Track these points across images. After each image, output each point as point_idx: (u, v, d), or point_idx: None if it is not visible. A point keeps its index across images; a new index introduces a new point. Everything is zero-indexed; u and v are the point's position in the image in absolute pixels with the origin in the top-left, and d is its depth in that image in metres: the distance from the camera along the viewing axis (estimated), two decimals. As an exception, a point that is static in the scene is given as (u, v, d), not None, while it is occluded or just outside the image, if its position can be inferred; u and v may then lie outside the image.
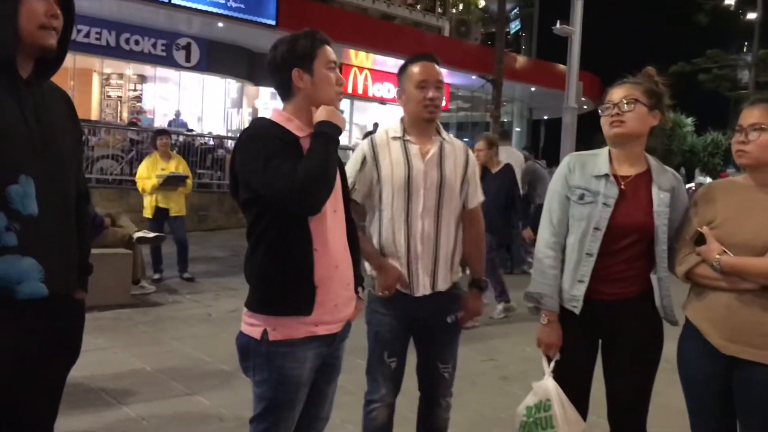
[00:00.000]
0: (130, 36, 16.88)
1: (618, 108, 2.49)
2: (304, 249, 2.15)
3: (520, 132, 28.93)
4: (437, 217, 2.75)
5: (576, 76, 14.07)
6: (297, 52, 2.20)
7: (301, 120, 2.22)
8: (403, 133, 2.80)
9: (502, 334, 6.04)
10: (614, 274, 2.51)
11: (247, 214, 2.21)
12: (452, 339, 2.90)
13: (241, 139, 2.18)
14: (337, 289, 2.25)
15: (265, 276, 2.17)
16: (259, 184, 2.07)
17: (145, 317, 6.30)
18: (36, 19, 1.83)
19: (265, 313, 2.17)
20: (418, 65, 2.76)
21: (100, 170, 12.38)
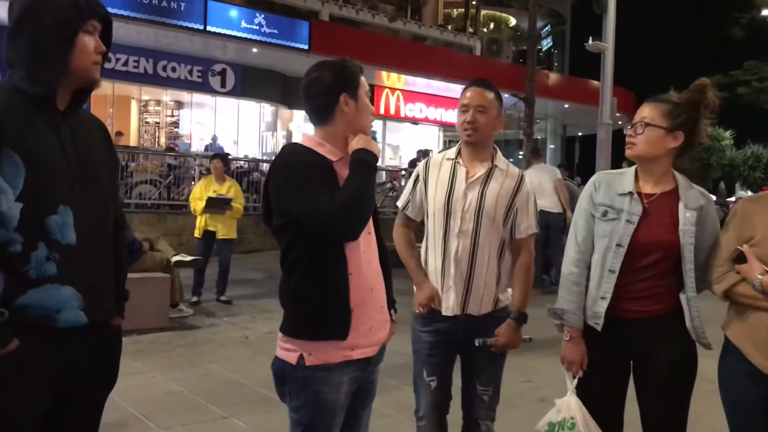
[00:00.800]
0: (167, 63, 17.28)
1: (633, 129, 2.51)
2: (339, 273, 2.16)
3: (554, 149, 28.73)
4: (474, 240, 2.76)
5: (610, 91, 13.95)
6: (346, 77, 2.22)
7: (335, 145, 2.23)
8: (457, 155, 2.85)
9: (538, 355, 5.92)
10: (638, 291, 2.48)
11: (280, 240, 2.22)
12: (493, 362, 2.86)
13: (276, 166, 2.20)
14: (372, 312, 2.25)
15: (300, 301, 2.17)
16: (297, 210, 2.09)
17: (182, 340, 6.35)
18: (89, 56, 1.91)
19: (301, 338, 2.17)
20: (466, 90, 2.84)
21: (138, 195, 12.60)
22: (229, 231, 8.17)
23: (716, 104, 2.53)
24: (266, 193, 2.23)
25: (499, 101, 2.84)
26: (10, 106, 1.79)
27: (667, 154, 2.52)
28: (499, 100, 2.84)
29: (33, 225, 1.78)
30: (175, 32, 15.57)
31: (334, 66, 2.22)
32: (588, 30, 15.70)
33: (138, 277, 6.66)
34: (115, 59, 16.33)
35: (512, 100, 14.99)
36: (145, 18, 14.92)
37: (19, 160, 1.75)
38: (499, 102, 2.84)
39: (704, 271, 2.47)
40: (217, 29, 15.85)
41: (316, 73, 2.22)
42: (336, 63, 2.24)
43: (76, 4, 1.87)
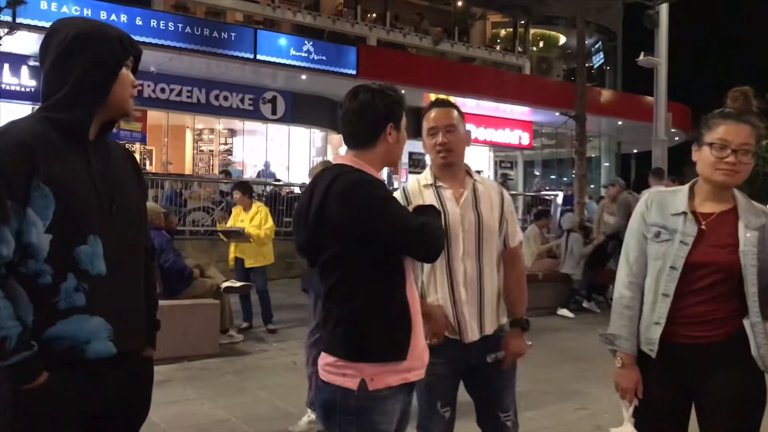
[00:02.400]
0: (219, 92, 17.59)
1: (735, 156, 2.29)
2: (401, 292, 2.16)
3: (608, 167, 28.16)
4: (478, 259, 2.70)
5: (664, 107, 13.63)
6: (396, 107, 2.24)
7: (375, 169, 2.23)
8: (434, 180, 2.78)
9: (594, 379, 5.75)
10: (695, 316, 2.33)
11: (334, 267, 2.14)
12: (508, 384, 2.80)
13: (341, 189, 2.09)
14: (420, 334, 2.24)
15: (367, 322, 2.12)
16: (389, 230, 2.09)
17: (232, 366, 6.36)
18: (128, 89, 1.96)
19: (366, 361, 2.11)
20: (429, 113, 2.76)
21: (192, 222, 12.81)
22: (258, 258, 8.04)
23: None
24: (316, 220, 2.14)
25: (462, 118, 2.78)
26: (40, 136, 1.80)
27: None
28: (462, 116, 2.78)
29: (62, 256, 1.78)
30: (227, 62, 15.85)
31: (385, 94, 2.22)
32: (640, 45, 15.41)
33: (189, 304, 6.78)
34: (169, 90, 16.76)
35: (563, 118, 14.79)
36: (197, 49, 15.25)
37: (49, 192, 1.75)
38: (463, 119, 2.78)
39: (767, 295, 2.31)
40: (267, 57, 16.09)
41: (368, 97, 2.21)
42: (388, 92, 2.24)
43: (120, 40, 1.92)
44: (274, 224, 8.33)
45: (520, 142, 23.05)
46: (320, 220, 2.13)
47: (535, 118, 22.37)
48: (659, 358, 2.37)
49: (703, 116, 2.43)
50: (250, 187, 8.66)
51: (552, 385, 2.81)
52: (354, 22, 20.52)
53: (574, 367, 5.85)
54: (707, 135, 2.35)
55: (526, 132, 23.14)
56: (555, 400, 4.99)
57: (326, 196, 2.11)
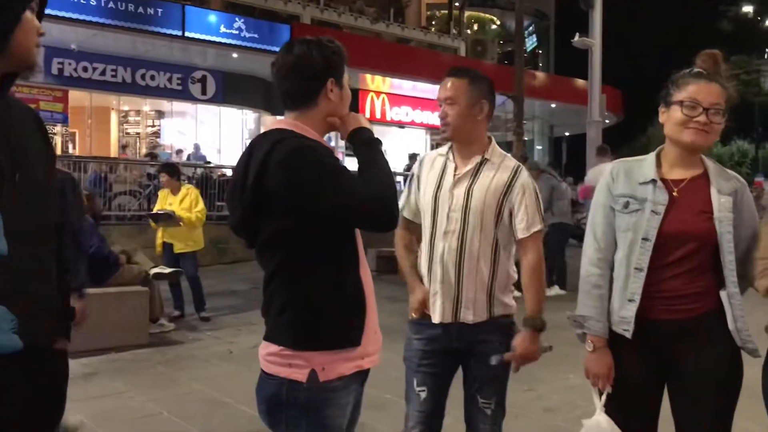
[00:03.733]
0: (145, 72, 16.93)
1: (707, 115, 2.15)
2: (355, 271, 1.94)
3: (541, 149, 28.61)
4: (461, 241, 2.51)
5: (598, 89, 13.79)
6: (335, 60, 1.97)
7: (319, 132, 1.99)
8: (448, 151, 2.64)
9: (542, 361, 5.65)
10: (671, 290, 2.18)
11: (276, 245, 1.89)
12: (493, 376, 2.62)
13: (281, 158, 1.82)
14: (374, 315, 2.02)
15: (317, 307, 1.87)
16: (332, 201, 1.81)
17: (163, 357, 6.03)
18: (33, 36, 1.64)
19: (315, 349, 1.87)
20: (444, 83, 2.62)
21: (118, 207, 12.27)
22: (188, 243, 7.63)
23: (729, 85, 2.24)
24: (254, 192, 1.86)
25: (475, 85, 2.56)
26: None
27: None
28: (476, 83, 2.56)
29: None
30: (154, 39, 15.26)
31: (323, 45, 1.96)
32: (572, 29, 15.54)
33: (115, 292, 6.46)
34: (92, 68, 16.00)
35: (500, 99, 14.79)
36: (122, 25, 14.60)
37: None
38: (476, 86, 2.56)
39: (744, 266, 2.18)
40: (196, 35, 15.55)
41: (304, 49, 1.94)
42: (325, 44, 1.97)
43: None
44: (205, 207, 7.95)
45: (455, 124, 23.05)
46: (258, 194, 1.86)
47: (470, 101, 22.40)
48: (633, 337, 2.21)
49: (672, 76, 2.28)
50: (177, 168, 8.25)
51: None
52: (287, 0, 20.03)
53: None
54: (676, 94, 2.21)
55: (461, 114, 23.15)
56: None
57: (264, 166, 1.83)
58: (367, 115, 20.34)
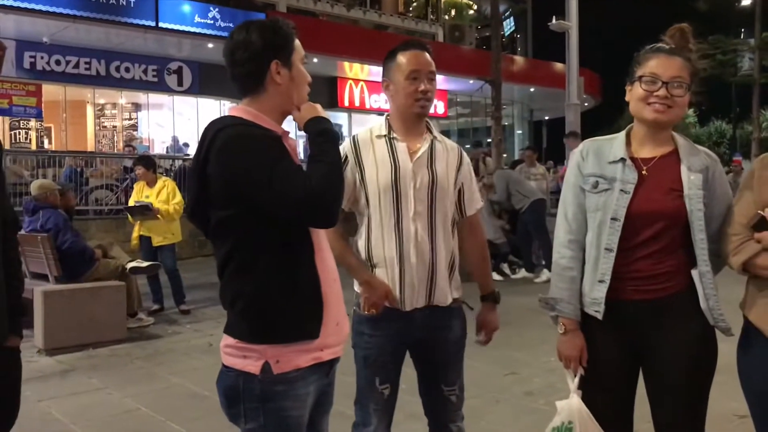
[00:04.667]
0: (120, 64, 16.71)
1: (667, 89, 2.12)
2: (309, 262, 1.87)
3: (521, 134, 28.64)
4: (431, 221, 2.45)
5: (576, 71, 13.78)
6: (277, 41, 1.88)
7: (272, 118, 1.91)
8: (389, 131, 2.50)
9: (523, 344, 5.67)
10: (642, 270, 2.15)
11: (224, 235, 1.85)
12: (456, 358, 2.58)
13: (221, 145, 1.79)
14: (337, 306, 1.96)
15: (267, 298, 1.83)
16: (266, 194, 1.73)
17: (142, 351, 5.96)
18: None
19: (269, 342, 1.83)
20: (408, 54, 2.47)
21: (95, 201, 12.11)
22: (166, 236, 7.52)
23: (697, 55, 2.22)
24: (201, 179, 1.83)
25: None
26: None
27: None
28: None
29: None
30: (127, 30, 15.04)
31: (262, 27, 1.89)
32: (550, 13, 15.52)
33: (91, 287, 6.36)
34: (65, 61, 15.75)
35: (478, 84, 14.75)
36: (94, 17, 14.35)
37: None
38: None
39: (718, 243, 2.15)
40: (170, 25, 15.34)
41: (242, 35, 1.88)
42: (265, 24, 1.91)
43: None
44: (183, 199, 7.83)
45: (435, 111, 23.01)
46: (203, 181, 1.83)
47: (449, 87, 22.36)
48: (605, 319, 2.18)
49: (636, 53, 2.26)
50: (153, 160, 8.12)
51: (478, 351, 2.63)
52: (262, -11, 19.84)
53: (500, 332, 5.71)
54: (638, 70, 2.19)
55: (440, 101, 23.13)
56: (482, 366, 4.87)
57: (208, 154, 1.81)
58: (346, 103, 20.24)
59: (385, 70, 2.54)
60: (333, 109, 20.20)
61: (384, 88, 2.57)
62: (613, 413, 2.22)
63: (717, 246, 2.16)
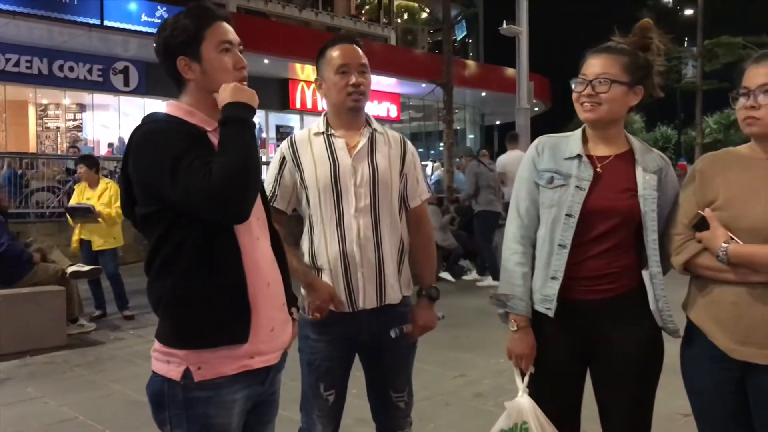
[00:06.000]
0: (63, 63, 16.22)
1: (592, 87, 2.12)
2: (233, 263, 1.77)
3: (473, 138, 28.88)
4: (375, 217, 2.37)
5: (526, 76, 13.90)
6: (178, 39, 1.80)
7: (205, 112, 1.83)
8: (327, 128, 2.44)
9: (472, 346, 5.66)
10: (594, 268, 2.13)
11: (148, 233, 1.78)
12: (405, 363, 2.52)
13: (137, 140, 1.75)
14: (271, 311, 1.86)
15: (187, 300, 1.74)
16: (170, 191, 1.65)
17: (83, 359, 5.75)
18: None
19: (190, 347, 1.75)
20: (337, 48, 2.42)
21: (36, 203, 11.72)
22: (108, 240, 7.27)
23: (662, 49, 2.19)
24: (125, 177, 1.79)
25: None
26: None
27: (626, 113, 2.19)
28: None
29: None
30: (71, 28, 14.60)
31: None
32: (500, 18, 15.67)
33: (29, 292, 6.14)
34: (5, 59, 15.22)
35: (429, 87, 14.79)
36: (36, 13, 13.91)
37: None
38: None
39: (664, 245, 2.15)
40: (116, 24, 14.97)
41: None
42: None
43: None
44: (127, 202, 7.60)
45: (388, 114, 23.03)
46: (125, 178, 1.79)
47: (402, 90, 22.40)
48: (556, 317, 2.15)
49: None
50: (96, 160, 7.84)
51: (427, 353, 2.59)
52: (212, -11, 19.54)
53: (448, 333, 5.72)
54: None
55: (393, 104, 23.15)
56: (432, 368, 4.83)
57: (128, 150, 1.77)
58: (298, 105, 20.08)
59: (317, 69, 2.49)
60: (285, 111, 20.03)
61: (317, 87, 2.51)
62: (560, 413, 2.18)
63: (665, 248, 2.15)
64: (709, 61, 19.19)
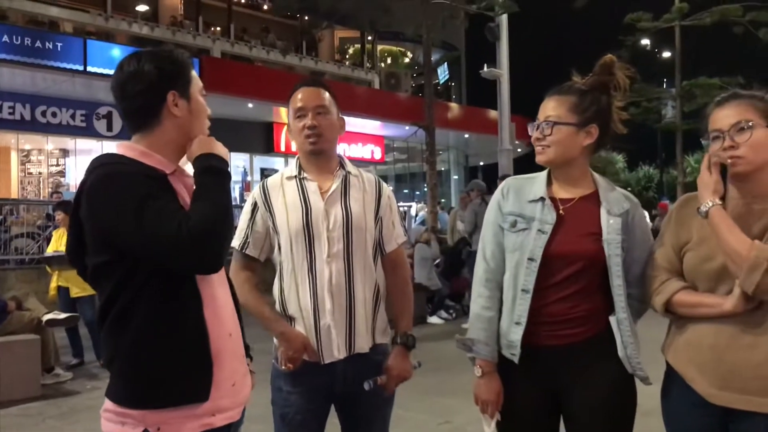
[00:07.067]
0: (46, 108, 16.16)
1: (540, 131, 2.13)
2: (195, 313, 1.69)
3: (458, 179, 29.02)
4: (348, 262, 2.30)
5: (507, 117, 14.08)
6: (174, 71, 1.77)
7: (165, 155, 1.76)
8: (300, 171, 2.38)
9: (456, 390, 5.53)
10: (557, 313, 2.08)
11: (101, 283, 1.70)
12: (381, 415, 2.42)
13: (91, 183, 1.66)
14: (233, 364, 1.78)
15: (146, 356, 1.65)
16: (134, 239, 1.58)
17: (57, 410, 5.58)
18: None
19: (148, 407, 1.65)
20: (298, 92, 2.39)
21: (15, 250, 11.54)
22: (85, 287, 7.02)
23: (626, 82, 2.17)
24: (76, 222, 1.71)
25: (335, 101, 2.43)
26: None
27: (582, 153, 2.15)
28: (335, 99, 2.44)
29: None
30: (54, 74, 14.62)
31: (157, 57, 1.76)
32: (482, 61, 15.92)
33: (2, 341, 5.96)
34: (-13, 106, 15.18)
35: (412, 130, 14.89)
36: (19, 60, 13.93)
37: None
38: (336, 102, 2.43)
39: (639, 288, 2.11)
40: (99, 69, 14.98)
41: (134, 66, 1.74)
42: (159, 53, 1.79)
43: None
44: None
45: (372, 156, 23.13)
46: (76, 224, 1.71)
47: (386, 132, 22.54)
48: (522, 363, 2.10)
49: None
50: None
51: (411, 399, 2.49)
52: (196, 34, 19.72)
53: (433, 378, 5.63)
54: None
55: (378, 146, 23.27)
56: (416, 414, 4.72)
57: (79, 196, 1.69)
58: (282, 148, 20.11)
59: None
60: (269, 154, 20.04)
61: (288, 132, 2.49)
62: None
63: (639, 290, 2.12)
64: (688, 102, 19.48)
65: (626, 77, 2.17)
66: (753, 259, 1.77)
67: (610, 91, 2.16)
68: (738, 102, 1.93)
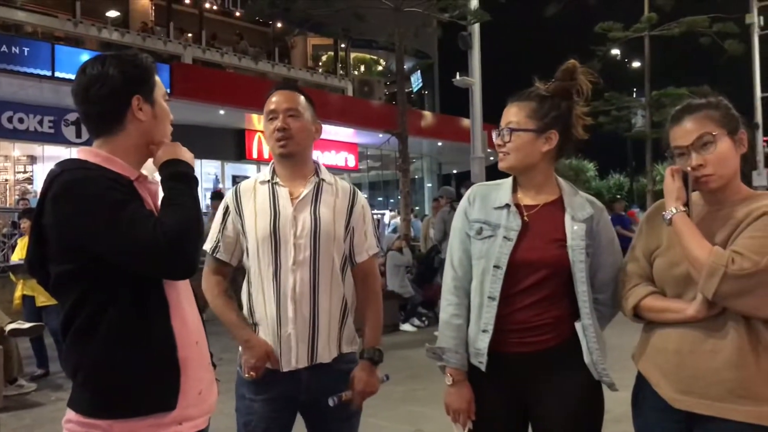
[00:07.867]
0: (12, 114, 15.83)
1: (501, 137, 2.13)
2: (162, 321, 1.68)
3: (431, 187, 29.11)
4: (314, 271, 2.27)
5: (480, 125, 14.13)
6: (139, 75, 1.75)
7: (128, 160, 1.74)
8: (273, 176, 2.36)
9: (429, 399, 5.51)
10: (523, 320, 2.08)
11: (65, 291, 1.67)
12: (347, 425, 2.39)
13: (57, 190, 1.63)
14: (200, 372, 1.76)
15: (112, 365, 1.63)
16: (106, 242, 1.56)
17: (19, 422, 5.45)
18: None
19: (115, 417, 1.62)
20: (271, 96, 2.38)
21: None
22: (51, 296, 7.04)
23: (589, 87, 2.17)
24: (37, 230, 1.67)
25: (312, 106, 2.41)
26: None
27: (544, 159, 2.15)
28: (312, 104, 2.42)
29: None
30: (21, 79, 14.35)
31: (121, 60, 1.75)
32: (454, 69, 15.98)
33: (-37, 353, 5.80)
34: (-49, 111, 14.86)
35: (385, 137, 14.90)
36: (-15, 65, 13.65)
37: None
38: (312, 107, 2.41)
39: (607, 293, 2.11)
40: (68, 75, 14.73)
41: (98, 69, 1.72)
42: (124, 57, 1.77)
43: None
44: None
45: (346, 164, 23.10)
46: (39, 232, 1.67)
47: (360, 140, 22.52)
48: (490, 371, 2.09)
49: None
50: None
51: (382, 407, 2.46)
52: (167, 40, 19.53)
53: (404, 386, 5.61)
54: None
55: (351, 154, 23.26)
56: (388, 424, 4.68)
57: (43, 202, 1.66)
58: (255, 155, 20.00)
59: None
60: (241, 161, 19.92)
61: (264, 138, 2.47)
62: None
63: (606, 295, 2.12)
64: (657, 111, 19.73)
65: (589, 82, 2.17)
66: (711, 265, 1.78)
67: (572, 97, 2.16)
68: (695, 115, 1.93)
